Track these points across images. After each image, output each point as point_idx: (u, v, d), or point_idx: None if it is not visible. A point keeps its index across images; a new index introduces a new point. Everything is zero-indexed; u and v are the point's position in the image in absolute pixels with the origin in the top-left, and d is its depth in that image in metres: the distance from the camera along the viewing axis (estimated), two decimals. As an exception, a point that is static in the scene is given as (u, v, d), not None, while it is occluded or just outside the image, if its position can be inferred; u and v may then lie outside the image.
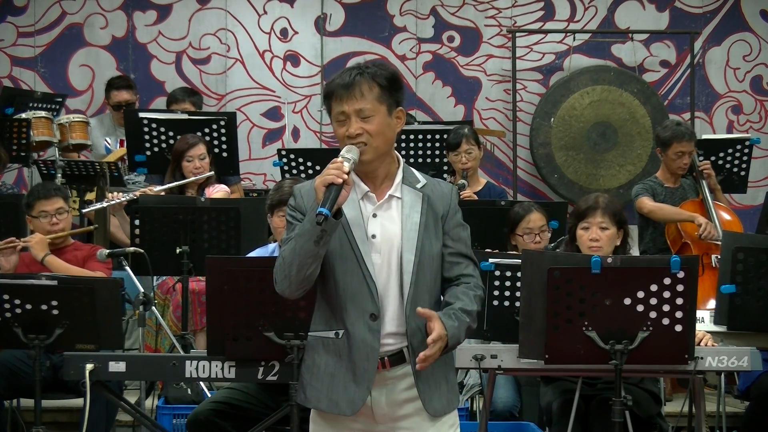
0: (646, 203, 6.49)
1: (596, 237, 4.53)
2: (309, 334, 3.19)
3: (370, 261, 3.07)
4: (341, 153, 3.04)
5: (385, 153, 3.13)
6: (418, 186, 3.16)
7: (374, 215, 3.12)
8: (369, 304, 3.06)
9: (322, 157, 6.63)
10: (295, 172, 6.53)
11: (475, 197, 6.36)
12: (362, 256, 3.06)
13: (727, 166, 6.96)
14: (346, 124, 3.08)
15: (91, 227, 6.30)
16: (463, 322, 3.08)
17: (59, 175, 6.70)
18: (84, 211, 6.40)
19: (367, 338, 3.06)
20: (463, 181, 6.40)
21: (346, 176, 2.96)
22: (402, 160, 3.22)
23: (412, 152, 6.75)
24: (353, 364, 3.07)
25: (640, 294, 3.89)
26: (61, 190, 5.58)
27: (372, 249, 3.08)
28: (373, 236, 3.10)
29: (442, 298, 3.18)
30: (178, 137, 6.47)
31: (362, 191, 3.13)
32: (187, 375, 4.14)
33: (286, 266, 3.05)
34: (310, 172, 6.49)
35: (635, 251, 5.06)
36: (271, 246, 4.99)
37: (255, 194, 7.63)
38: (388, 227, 3.11)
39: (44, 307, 4.38)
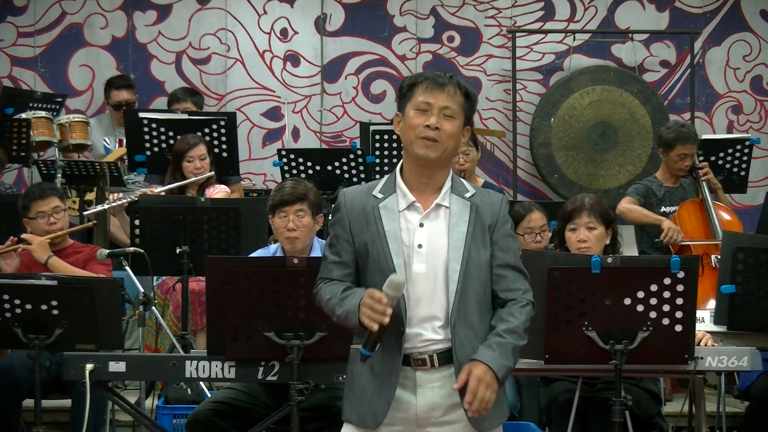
0: (622, 204, 6.44)
1: (584, 238, 4.52)
2: (351, 346, 3.19)
3: (402, 273, 3.04)
4: (384, 288, 2.97)
5: (447, 160, 3.13)
6: (467, 195, 3.15)
7: (421, 224, 3.11)
8: (398, 317, 3.03)
9: (322, 157, 6.63)
10: (295, 172, 6.52)
11: None
12: (395, 269, 3.04)
13: (727, 166, 6.96)
14: (427, 114, 3.08)
15: (90, 224, 6.28)
16: (505, 345, 3.04)
17: (59, 175, 6.69)
18: (85, 213, 6.38)
19: (393, 350, 3.05)
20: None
21: (386, 320, 2.95)
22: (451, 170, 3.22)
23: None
24: (380, 377, 3.07)
25: (640, 294, 3.89)
26: (56, 189, 5.56)
27: (417, 258, 3.07)
28: (420, 246, 3.08)
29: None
30: (178, 137, 6.47)
31: (408, 201, 3.12)
32: (187, 375, 4.14)
33: (327, 311, 3.14)
34: (310, 172, 6.49)
35: (627, 251, 5.04)
36: (272, 247, 4.98)
37: (255, 194, 7.63)
38: (434, 237, 3.10)
39: (44, 307, 4.37)
